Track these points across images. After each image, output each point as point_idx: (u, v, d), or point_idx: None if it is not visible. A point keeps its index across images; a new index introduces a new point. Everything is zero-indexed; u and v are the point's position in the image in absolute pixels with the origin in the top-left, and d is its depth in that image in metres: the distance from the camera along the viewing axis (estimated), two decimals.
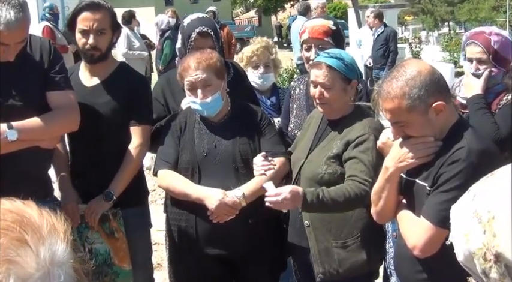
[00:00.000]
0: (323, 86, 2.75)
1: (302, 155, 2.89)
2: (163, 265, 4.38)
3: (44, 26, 9.23)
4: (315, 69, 2.79)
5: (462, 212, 1.17)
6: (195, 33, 3.17)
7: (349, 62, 2.78)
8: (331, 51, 2.85)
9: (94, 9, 2.96)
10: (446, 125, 2.17)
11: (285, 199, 2.53)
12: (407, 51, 15.25)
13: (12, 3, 2.45)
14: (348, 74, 2.76)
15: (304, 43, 3.22)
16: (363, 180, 2.59)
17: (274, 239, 3.04)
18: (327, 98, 2.76)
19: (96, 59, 3.03)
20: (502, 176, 1.16)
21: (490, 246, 1.07)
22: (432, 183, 2.13)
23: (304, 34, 3.21)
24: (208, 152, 2.92)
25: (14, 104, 2.64)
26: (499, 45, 3.06)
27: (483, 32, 3.15)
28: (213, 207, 2.76)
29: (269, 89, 4.05)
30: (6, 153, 2.56)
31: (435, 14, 38.18)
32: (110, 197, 2.97)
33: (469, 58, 3.15)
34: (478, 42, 3.09)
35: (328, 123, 2.89)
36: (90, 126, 2.93)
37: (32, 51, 2.73)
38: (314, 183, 2.73)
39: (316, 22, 3.24)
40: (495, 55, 3.06)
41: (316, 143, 2.88)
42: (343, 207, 2.63)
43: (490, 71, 3.07)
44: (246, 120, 3.00)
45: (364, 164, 2.64)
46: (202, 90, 2.86)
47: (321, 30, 3.16)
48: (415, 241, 2.16)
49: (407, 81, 2.10)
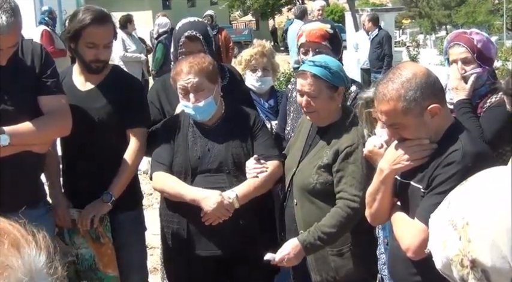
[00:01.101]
0: (309, 95, 2.74)
1: (294, 164, 2.89)
2: (158, 269, 4.36)
3: (43, 30, 9.21)
4: (300, 78, 2.77)
5: (439, 220, 1.18)
6: (183, 37, 3.17)
7: (335, 69, 2.75)
8: (317, 59, 2.82)
9: (101, 24, 2.94)
10: (441, 127, 2.17)
11: (289, 260, 2.69)
12: (404, 54, 15.29)
13: (4, 8, 2.43)
14: (333, 81, 2.73)
15: (301, 47, 3.21)
16: (352, 197, 2.63)
17: (268, 243, 3.02)
18: (314, 106, 2.75)
19: (100, 69, 3.03)
20: (475, 182, 1.17)
21: (466, 252, 1.09)
22: (427, 185, 2.13)
23: (302, 38, 3.20)
24: (201, 155, 2.92)
25: (6, 109, 2.62)
26: (482, 44, 3.06)
27: (464, 32, 3.16)
28: (210, 209, 2.75)
29: (267, 92, 4.07)
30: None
31: (432, 18, 38.27)
32: (109, 198, 2.95)
33: (454, 60, 3.13)
34: (462, 43, 3.09)
35: (317, 130, 2.88)
36: (85, 130, 2.92)
37: (23, 55, 2.72)
38: (306, 193, 2.75)
39: (314, 26, 3.23)
40: (479, 54, 3.05)
41: (306, 151, 2.88)
42: (339, 235, 2.70)
43: (477, 75, 3.06)
44: (240, 124, 2.99)
45: (353, 177, 2.65)
46: (194, 95, 2.85)
47: (318, 33, 3.15)
48: (408, 243, 2.16)
49: (403, 84, 2.10)
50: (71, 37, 2.98)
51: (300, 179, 2.81)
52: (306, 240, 2.65)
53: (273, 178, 2.92)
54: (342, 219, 2.63)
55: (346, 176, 2.67)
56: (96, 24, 2.92)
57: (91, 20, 2.91)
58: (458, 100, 3.06)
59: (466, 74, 3.07)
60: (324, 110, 2.76)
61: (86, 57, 2.98)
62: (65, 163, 3.17)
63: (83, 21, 2.91)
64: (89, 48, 2.95)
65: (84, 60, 3.00)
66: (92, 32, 2.92)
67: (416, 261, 2.17)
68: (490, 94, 3.08)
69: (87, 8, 3.00)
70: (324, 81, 2.72)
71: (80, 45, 2.96)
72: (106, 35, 2.98)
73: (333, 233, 2.64)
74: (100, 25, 2.93)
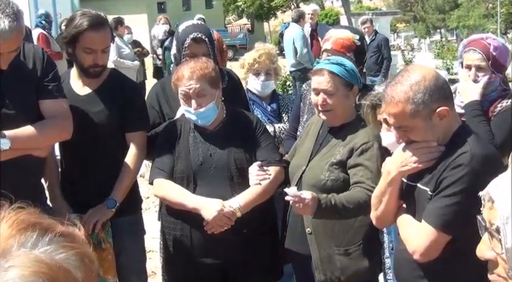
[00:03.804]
0: (326, 92, 2.74)
1: (303, 162, 2.87)
2: (157, 273, 4.35)
3: (39, 33, 9.21)
4: (317, 76, 2.78)
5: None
6: (189, 39, 3.16)
7: (350, 67, 2.77)
8: (332, 58, 2.85)
9: (99, 29, 2.91)
10: (449, 130, 2.17)
11: (307, 205, 2.50)
12: (399, 58, 15.33)
13: (7, 12, 2.41)
14: (349, 79, 2.75)
15: (325, 52, 3.20)
16: (370, 187, 2.58)
17: (269, 248, 3.02)
18: (330, 104, 2.74)
19: (99, 74, 3.01)
20: None
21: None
22: (434, 188, 2.12)
23: (328, 43, 3.19)
24: (203, 160, 2.89)
25: (7, 113, 2.60)
26: (498, 51, 3.05)
27: (481, 38, 3.14)
28: (210, 218, 2.73)
29: (269, 96, 4.06)
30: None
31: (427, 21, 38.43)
32: (113, 204, 2.94)
33: (468, 65, 3.12)
34: (478, 49, 3.08)
35: (329, 130, 2.87)
36: (85, 135, 2.90)
37: (25, 59, 2.70)
38: (317, 190, 2.70)
39: (342, 34, 3.21)
40: (494, 62, 3.05)
41: (317, 149, 2.87)
42: (352, 213, 2.63)
43: (489, 77, 3.07)
44: (241, 129, 2.98)
45: (370, 171, 2.63)
46: (196, 100, 2.84)
47: (344, 43, 3.14)
48: (415, 245, 2.15)
49: (412, 86, 2.10)
50: (68, 42, 2.96)
51: (310, 177, 2.79)
52: (325, 200, 2.54)
53: (275, 184, 2.90)
54: (360, 200, 2.57)
55: (363, 169, 2.65)
56: (92, 30, 2.88)
57: (88, 26, 2.87)
58: (469, 102, 3.05)
59: (478, 80, 3.07)
60: (340, 108, 2.76)
61: (84, 62, 2.95)
62: (63, 167, 3.15)
63: (80, 26, 2.88)
64: (87, 54, 2.92)
65: (82, 66, 2.98)
66: (89, 37, 2.88)
67: (423, 264, 2.17)
68: (501, 99, 3.08)
69: (83, 13, 2.97)
70: (341, 79, 2.73)
71: (78, 50, 2.94)
72: (103, 40, 2.95)
73: (349, 208, 2.56)
74: (97, 30, 2.90)
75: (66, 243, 0.84)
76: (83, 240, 0.89)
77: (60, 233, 0.85)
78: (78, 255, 0.84)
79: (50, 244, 0.82)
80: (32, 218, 0.86)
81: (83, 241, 0.89)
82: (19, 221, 0.84)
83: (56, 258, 0.81)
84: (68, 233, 0.87)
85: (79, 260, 0.84)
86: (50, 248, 0.82)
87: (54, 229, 0.85)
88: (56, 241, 0.83)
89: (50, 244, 0.82)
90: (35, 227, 0.84)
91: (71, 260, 0.83)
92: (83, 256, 0.85)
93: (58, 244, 0.83)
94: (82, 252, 0.86)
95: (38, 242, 0.82)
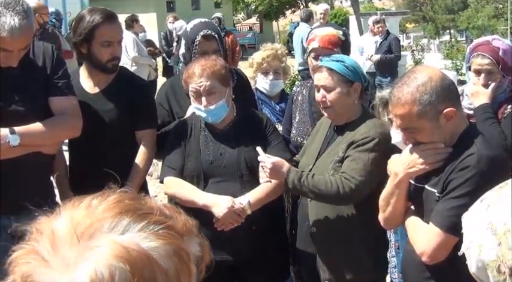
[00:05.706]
0: (324, 88, 2.75)
1: (310, 161, 2.88)
2: None
3: None
4: (316, 73, 2.80)
5: (475, 222, 1.15)
6: (200, 37, 3.18)
7: (350, 64, 2.78)
8: (334, 56, 2.86)
9: (113, 21, 2.98)
10: (457, 131, 2.16)
11: (269, 168, 2.62)
12: (409, 58, 15.28)
13: (17, 10, 2.43)
14: (349, 75, 2.74)
15: (313, 51, 3.20)
16: (349, 177, 2.60)
17: (278, 245, 3.02)
18: (329, 100, 2.75)
19: (116, 67, 3.05)
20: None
21: (506, 259, 1.06)
22: (441, 189, 2.12)
23: (314, 42, 3.19)
24: (213, 159, 2.90)
25: (17, 110, 2.62)
26: (507, 54, 3.03)
27: (488, 42, 3.10)
28: (220, 214, 2.74)
29: (277, 95, 4.07)
30: (8, 159, 2.54)
31: (436, 22, 38.29)
32: None
33: (477, 70, 3.08)
34: (487, 54, 3.03)
35: (335, 129, 2.88)
36: (94, 133, 2.91)
37: (34, 56, 2.72)
38: None
39: (327, 31, 3.22)
40: (504, 65, 3.03)
41: (324, 148, 2.87)
42: (322, 196, 2.65)
43: (499, 81, 3.04)
44: (252, 127, 2.98)
45: (356, 163, 2.64)
46: (206, 98, 2.84)
47: (331, 39, 3.15)
48: (423, 247, 2.15)
49: (418, 87, 2.10)
50: (82, 40, 2.96)
51: (316, 175, 2.80)
52: (293, 171, 2.64)
53: None
54: (332, 185, 2.59)
55: (350, 160, 2.66)
56: (108, 22, 2.94)
57: (102, 19, 2.92)
58: (479, 105, 3.03)
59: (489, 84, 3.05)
60: (339, 105, 2.76)
61: (103, 57, 2.97)
62: (72, 164, 3.16)
63: (94, 21, 2.92)
64: (105, 47, 2.95)
65: (100, 62, 2.99)
66: (106, 29, 2.94)
67: (431, 265, 2.17)
68: (510, 101, 3.06)
69: (92, 9, 3.01)
70: (339, 75, 2.73)
71: (95, 47, 2.96)
72: (119, 31, 3.04)
73: (317, 188, 2.61)
74: (111, 22, 2.97)
75: (161, 233, 0.84)
76: (184, 232, 0.88)
77: (158, 222, 0.85)
78: (172, 246, 0.84)
79: (141, 231, 0.83)
80: (130, 203, 0.87)
81: (185, 233, 0.89)
82: (116, 205, 0.85)
83: (143, 245, 0.81)
84: (165, 222, 0.86)
85: (172, 252, 0.83)
86: (140, 235, 0.82)
87: (151, 217, 0.85)
88: (149, 229, 0.83)
89: (141, 231, 0.83)
90: (129, 212, 0.84)
91: (160, 250, 0.82)
92: (178, 248, 0.85)
93: (150, 232, 0.83)
94: (177, 243, 0.85)
95: (129, 228, 0.83)
